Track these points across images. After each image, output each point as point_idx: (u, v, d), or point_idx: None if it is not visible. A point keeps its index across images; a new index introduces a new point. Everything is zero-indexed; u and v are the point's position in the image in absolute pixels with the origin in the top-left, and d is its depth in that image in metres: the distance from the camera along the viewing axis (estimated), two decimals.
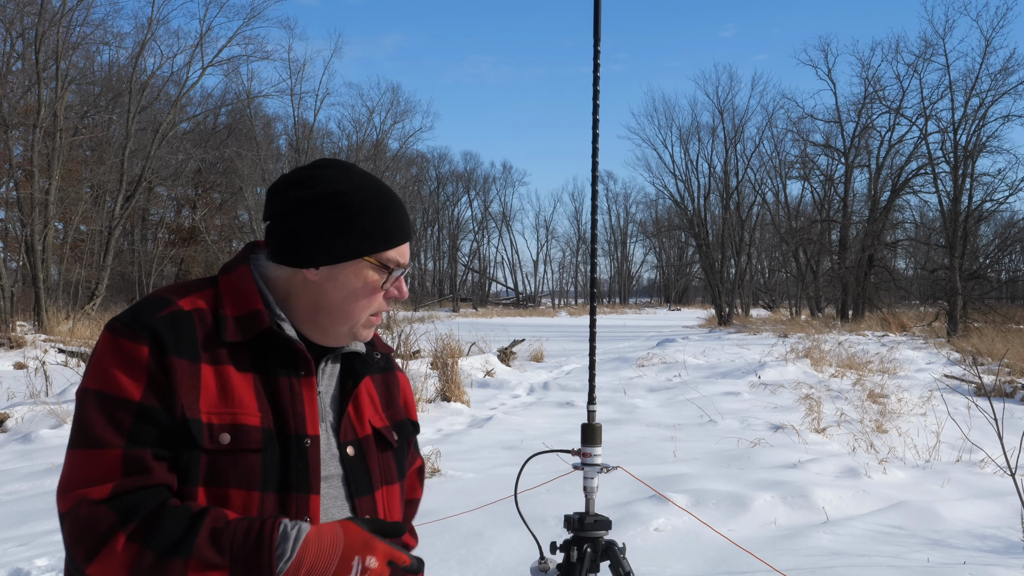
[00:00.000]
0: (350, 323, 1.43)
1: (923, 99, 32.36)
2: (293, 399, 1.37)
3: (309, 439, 1.36)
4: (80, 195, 27.62)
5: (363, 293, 1.43)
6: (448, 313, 53.00)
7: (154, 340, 1.30)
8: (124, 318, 1.34)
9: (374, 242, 1.42)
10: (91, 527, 1.21)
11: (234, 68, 39.95)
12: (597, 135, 1.83)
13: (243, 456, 1.30)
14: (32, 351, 16.00)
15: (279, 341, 1.38)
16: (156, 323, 1.32)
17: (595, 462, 1.98)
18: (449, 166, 79.91)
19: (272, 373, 1.37)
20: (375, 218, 1.43)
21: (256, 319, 1.38)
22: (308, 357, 1.40)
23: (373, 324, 1.46)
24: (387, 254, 1.43)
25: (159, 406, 1.28)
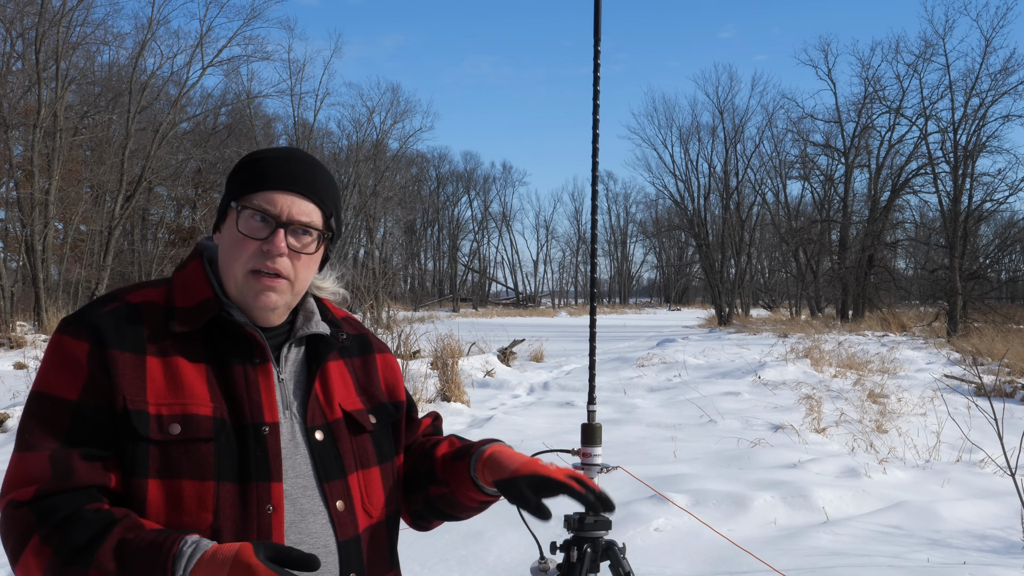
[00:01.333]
0: (232, 282, 1.38)
1: (923, 99, 32.38)
2: (248, 387, 1.35)
3: (267, 427, 1.34)
4: (80, 195, 27.63)
5: (230, 241, 1.38)
6: (448, 313, 53.00)
7: (95, 336, 1.31)
8: (71, 317, 1.36)
9: (239, 188, 1.39)
10: (14, 528, 1.24)
11: (234, 68, 40.00)
12: (597, 135, 1.83)
13: (195, 446, 1.29)
14: (32, 351, 16.01)
15: (230, 328, 1.37)
16: (99, 319, 1.33)
17: (595, 462, 1.98)
18: (449, 166, 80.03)
19: (226, 363, 1.36)
20: (245, 167, 1.41)
21: (205, 307, 1.37)
22: (262, 343, 1.38)
23: (264, 287, 1.36)
24: (250, 198, 1.36)
25: (97, 404, 1.28)
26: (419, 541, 4.29)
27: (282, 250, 1.35)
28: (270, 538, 1.30)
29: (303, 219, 1.38)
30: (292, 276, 1.38)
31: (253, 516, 1.30)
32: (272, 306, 1.38)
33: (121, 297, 1.38)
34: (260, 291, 1.36)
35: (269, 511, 1.31)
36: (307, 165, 1.42)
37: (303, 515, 1.35)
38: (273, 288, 1.37)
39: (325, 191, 1.43)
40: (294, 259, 1.38)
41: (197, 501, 1.28)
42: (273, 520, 1.31)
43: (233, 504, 1.29)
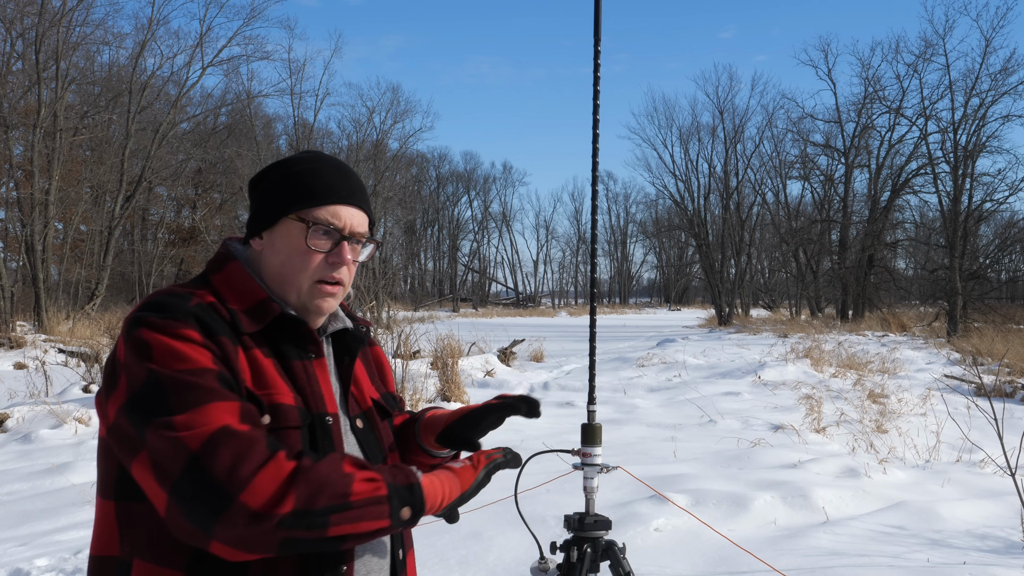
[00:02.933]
0: (294, 289, 1.43)
1: (923, 99, 32.40)
2: (309, 380, 1.41)
3: (331, 416, 1.41)
4: (80, 195, 27.63)
5: (293, 254, 1.42)
6: (448, 313, 52.99)
7: (199, 323, 1.31)
8: (154, 312, 1.31)
9: (299, 200, 1.43)
10: (251, 445, 1.19)
11: (234, 68, 40.01)
12: (597, 135, 1.83)
13: (285, 434, 1.33)
14: (32, 351, 16.01)
15: (288, 325, 1.41)
16: (192, 309, 1.33)
17: (595, 462, 1.98)
18: (449, 166, 79.99)
19: (286, 357, 1.40)
20: (303, 179, 1.45)
21: (266, 308, 1.40)
22: (316, 337, 1.44)
23: (327, 294, 1.44)
24: (313, 212, 1.42)
25: (232, 377, 1.30)
26: (419, 541, 4.29)
27: (348, 262, 1.44)
28: None
29: (360, 230, 1.47)
30: (347, 282, 1.48)
31: None
32: (329, 311, 1.47)
33: (193, 295, 1.37)
34: (323, 298, 1.44)
35: None
36: (356, 177, 1.52)
37: None
38: (334, 295, 1.46)
39: (367, 199, 1.52)
40: (350, 266, 1.47)
41: None
42: None
43: None
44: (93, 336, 17.88)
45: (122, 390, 1.26)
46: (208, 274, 1.46)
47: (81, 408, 8.29)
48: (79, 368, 11.76)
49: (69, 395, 9.48)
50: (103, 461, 1.35)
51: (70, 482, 6.08)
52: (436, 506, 1.33)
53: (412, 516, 1.27)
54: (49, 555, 4.42)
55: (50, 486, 6.05)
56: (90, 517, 5.23)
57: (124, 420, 1.24)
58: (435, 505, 1.32)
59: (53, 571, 4.19)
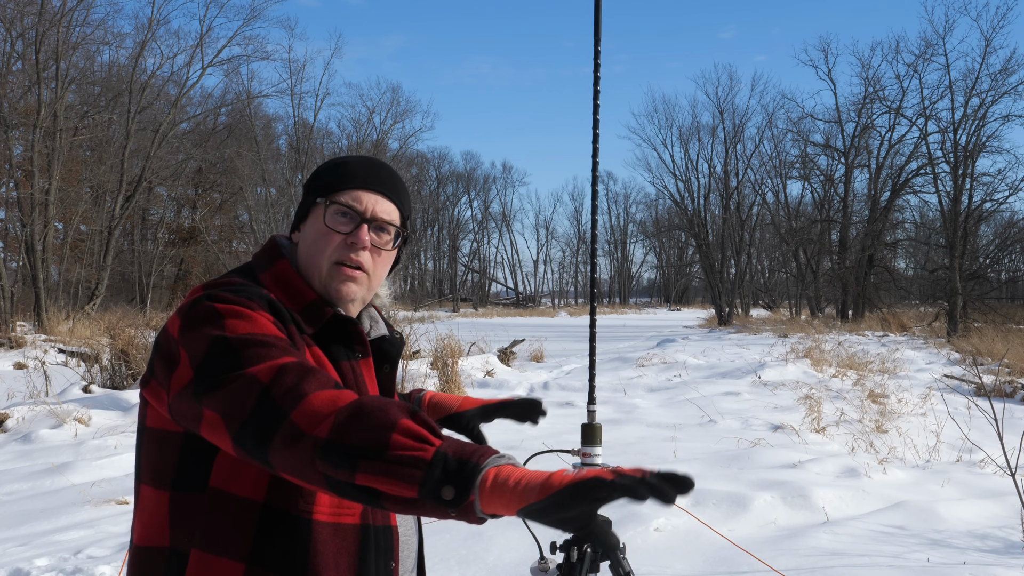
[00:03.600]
0: (317, 274, 1.44)
1: (923, 99, 32.39)
2: (357, 380, 1.42)
3: None
4: (80, 195, 27.63)
5: (317, 237, 1.45)
6: (448, 313, 52.98)
7: (271, 308, 1.32)
8: (225, 290, 1.31)
9: (324, 188, 1.47)
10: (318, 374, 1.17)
11: (234, 68, 39.98)
12: (597, 135, 1.83)
13: None
14: (32, 351, 16.01)
15: (339, 324, 1.42)
16: (265, 296, 1.34)
17: (595, 462, 1.98)
18: (449, 166, 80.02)
19: (334, 358, 1.42)
20: (333, 169, 1.50)
21: (318, 309, 1.42)
22: (364, 337, 1.45)
23: (346, 277, 1.44)
24: (335, 196, 1.45)
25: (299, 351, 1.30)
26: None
27: (365, 243, 1.44)
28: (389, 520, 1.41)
29: (384, 216, 1.48)
30: (371, 270, 1.47)
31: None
32: (352, 297, 1.46)
33: (259, 288, 1.38)
34: (343, 281, 1.44)
35: None
36: (388, 170, 1.53)
37: None
38: (354, 279, 1.45)
39: (404, 194, 1.54)
40: (374, 254, 1.47)
41: None
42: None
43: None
44: (93, 336, 17.87)
45: (186, 365, 1.23)
46: (256, 271, 1.45)
47: (81, 408, 8.30)
48: (79, 368, 11.76)
49: (69, 395, 9.48)
50: (159, 451, 1.33)
51: (70, 482, 6.08)
52: (502, 502, 1.03)
53: (455, 499, 1.03)
54: (49, 555, 4.42)
55: (50, 486, 6.05)
56: (90, 517, 5.23)
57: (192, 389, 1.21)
58: (500, 500, 1.03)
59: (53, 571, 4.19)
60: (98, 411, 8.38)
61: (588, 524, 1.04)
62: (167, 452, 1.32)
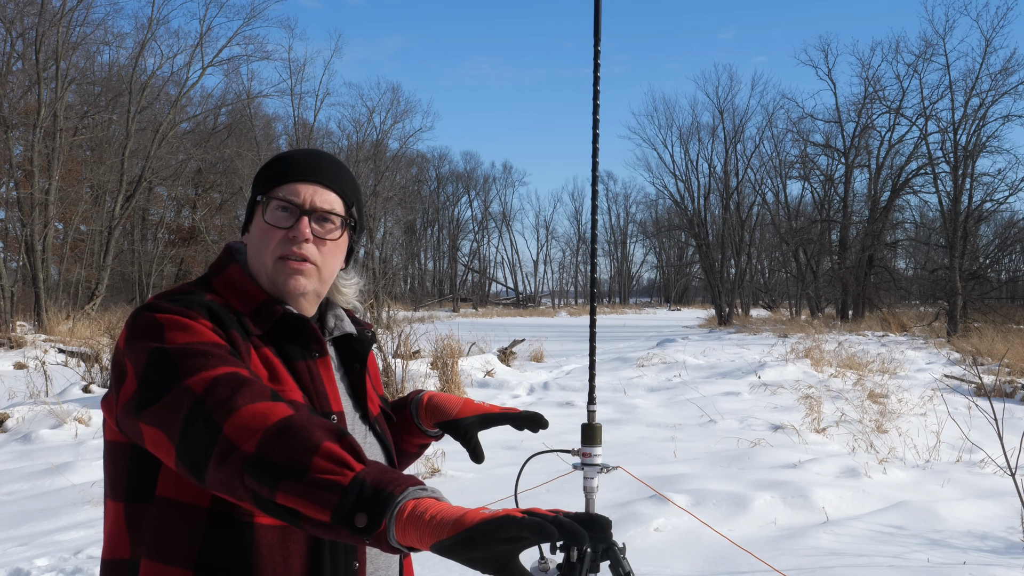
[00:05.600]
0: (263, 271, 1.43)
1: (923, 99, 32.38)
2: (313, 379, 1.41)
3: (335, 416, 1.41)
4: (80, 195, 27.64)
5: (260, 234, 1.44)
6: (448, 313, 52.99)
7: (212, 315, 1.32)
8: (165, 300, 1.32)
9: (264, 184, 1.46)
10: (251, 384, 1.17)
11: (234, 68, 39.96)
12: (597, 135, 1.83)
13: None
14: (32, 351, 16.01)
15: (291, 324, 1.41)
16: (206, 302, 1.34)
17: (595, 462, 1.98)
18: (449, 166, 80.00)
19: (289, 358, 1.41)
20: (270, 166, 1.48)
21: (268, 309, 1.41)
22: (320, 336, 1.44)
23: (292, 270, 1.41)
24: (274, 191, 1.44)
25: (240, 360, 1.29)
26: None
27: (307, 235, 1.41)
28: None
29: (325, 207, 1.45)
30: (319, 262, 1.44)
31: None
32: (302, 290, 1.43)
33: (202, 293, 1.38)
34: (289, 275, 1.42)
35: None
36: (327, 159, 1.50)
37: None
38: (301, 272, 1.42)
39: (345, 181, 1.50)
40: (319, 245, 1.44)
41: None
42: None
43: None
44: (93, 336, 17.88)
45: (131, 377, 1.25)
46: (209, 277, 1.46)
47: (81, 408, 8.30)
48: (79, 368, 11.76)
49: (69, 395, 9.48)
50: (113, 463, 1.35)
51: (70, 482, 6.08)
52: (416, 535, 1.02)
53: (367, 527, 1.02)
54: (49, 555, 4.42)
55: (50, 486, 6.05)
56: (90, 517, 5.23)
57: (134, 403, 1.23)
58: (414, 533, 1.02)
59: (53, 571, 4.19)
60: (98, 411, 8.38)
61: (505, 567, 0.98)
62: (120, 464, 1.33)
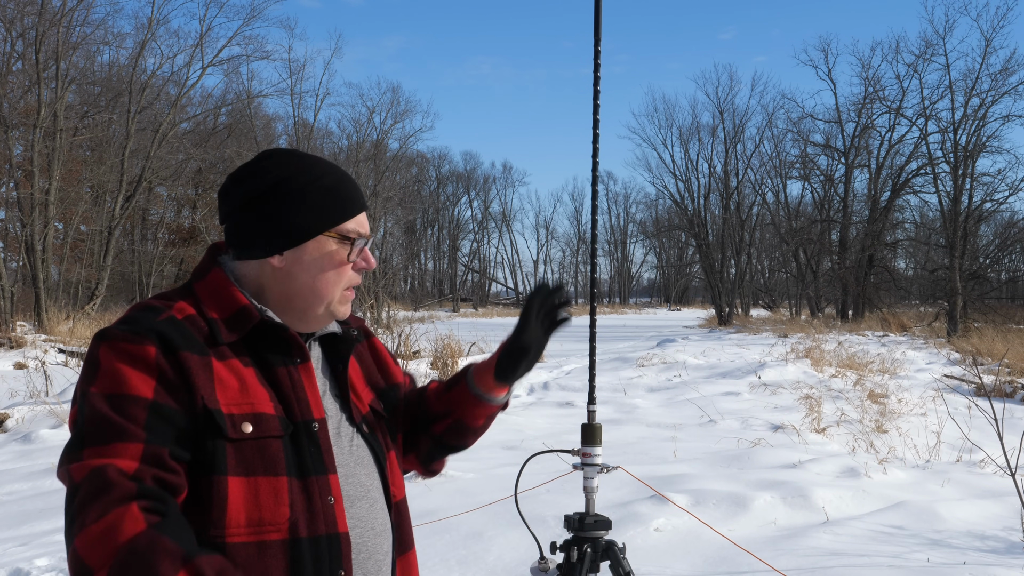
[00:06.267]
0: (325, 301, 1.46)
1: (923, 99, 32.37)
2: (294, 386, 1.40)
3: (316, 423, 1.40)
4: (80, 195, 27.63)
5: (330, 268, 1.45)
6: (448, 313, 52.99)
7: (161, 340, 1.30)
8: (120, 326, 1.33)
9: (330, 216, 1.45)
10: (105, 487, 1.18)
11: (234, 68, 39.95)
12: (597, 135, 1.83)
13: (266, 443, 1.33)
14: (32, 351, 16.01)
15: (270, 332, 1.41)
16: (158, 325, 1.32)
17: (595, 462, 1.98)
18: (449, 166, 79.94)
19: (269, 365, 1.40)
20: (326, 194, 1.46)
21: (245, 315, 1.40)
22: (301, 343, 1.43)
23: (348, 299, 1.49)
24: (345, 226, 1.46)
25: (173, 404, 1.28)
26: (419, 542, 4.29)
27: (374, 265, 1.51)
28: (336, 527, 1.38)
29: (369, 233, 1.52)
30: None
31: (319, 508, 1.36)
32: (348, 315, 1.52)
33: (165, 309, 1.37)
34: (347, 304, 1.50)
35: (331, 501, 1.37)
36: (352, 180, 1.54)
37: (351, 502, 1.42)
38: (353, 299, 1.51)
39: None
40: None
41: (274, 497, 1.32)
42: (336, 509, 1.38)
43: (301, 498, 1.35)
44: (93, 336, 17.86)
45: (72, 418, 1.30)
46: (192, 282, 1.45)
47: None
48: (79, 368, 11.76)
49: (69, 395, 9.48)
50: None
51: None
52: None
53: None
54: (49, 555, 4.42)
55: (50, 486, 6.05)
56: None
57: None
58: None
59: (53, 571, 4.19)
60: None
61: None
62: None
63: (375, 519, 1.46)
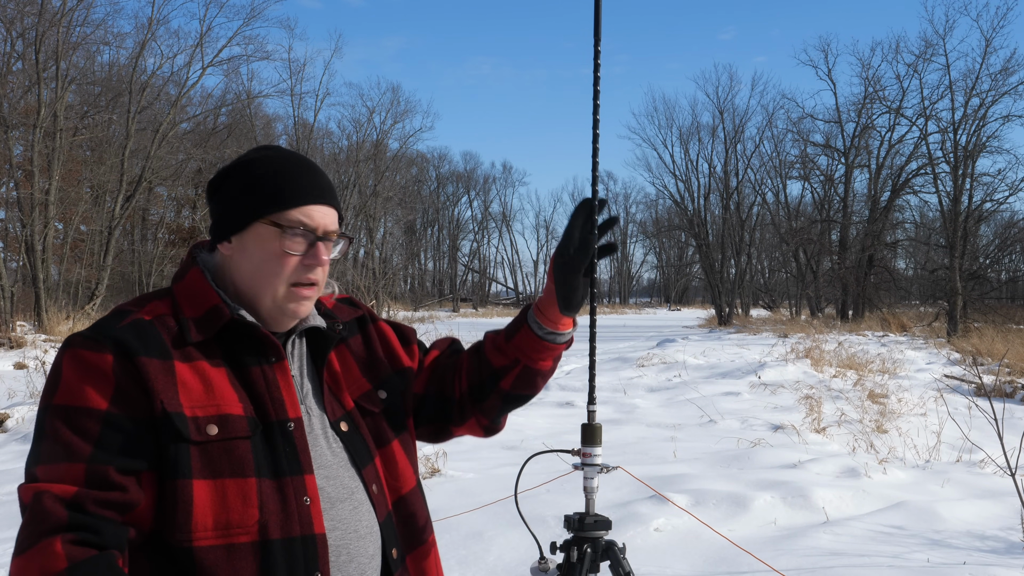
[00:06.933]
0: (269, 294, 1.40)
1: (923, 99, 32.37)
2: (268, 386, 1.38)
3: (292, 422, 1.38)
4: (80, 195, 27.62)
5: (267, 258, 1.39)
6: (448, 313, 52.99)
7: (118, 347, 1.30)
8: (84, 332, 1.34)
9: (266, 204, 1.39)
10: (42, 519, 1.21)
11: (234, 68, 40.03)
12: (597, 135, 1.83)
13: (233, 445, 1.31)
14: (32, 351, 16.01)
15: (243, 330, 1.39)
16: (118, 332, 1.32)
17: (595, 462, 1.98)
18: (449, 166, 79.91)
19: (243, 364, 1.38)
20: (272, 180, 1.42)
21: (215, 314, 1.38)
22: (275, 342, 1.40)
23: (302, 297, 1.41)
24: (287, 215, 1.39)
25: (128, 413, 1.28)
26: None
27: (324, 262, 1.42)
28: (311, 529, 1.34)
29: (332, 228, 1.44)
30: (322, 282, 1.45)
31: (293, 509, 1.33)
32: (306, 313, 1.44)
33: (132, 312, 1.38)
34: (299, 301, 1.42)
35: (307, 502, 1.35)
36: (323, 173, 1.48)
37: (332, 503, 1.39)
38: (309, 298, 1.43)
39: (335, 192, 1.48)
40: (324, 266, 1.44)
41: (242, 498, 1.30)
42: (312, 510, 1.35)
43: (274, 499, 1.33)
44: None
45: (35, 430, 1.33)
46: (174, 282, 1.45)
47: None
48: None
49: None
50: None
51: None
52: None
53: None
54: None
55: None
56: None
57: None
58: None
59: None
60: None
61: None
62: None
63: (359, 521, 1.42)
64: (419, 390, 1.64)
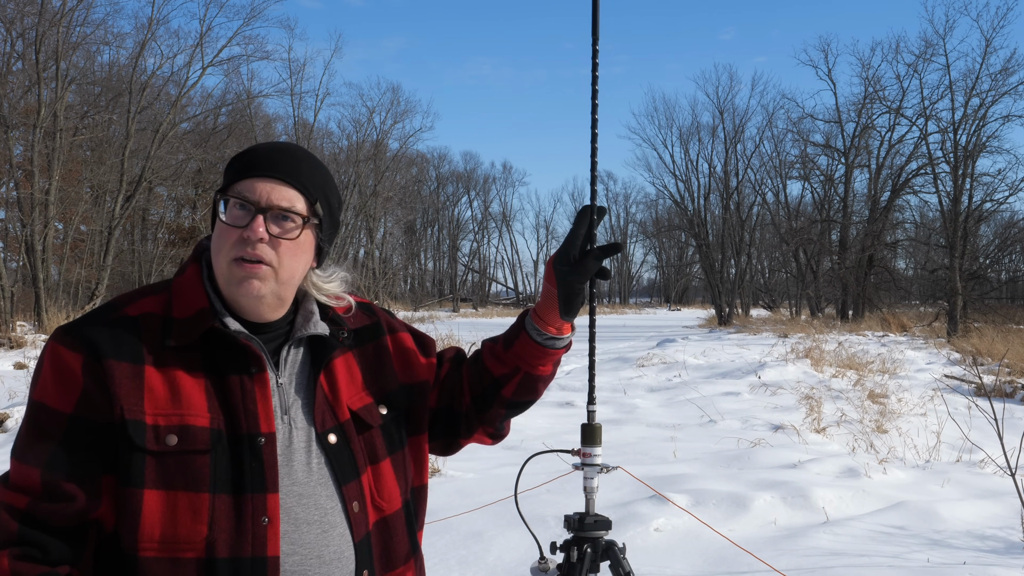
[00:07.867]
0: (222, 276, 1.36)
1: (923, 99, 32.35)
2: (244, 398, 1.34)
3: (263, 437, 1.33)
4: (80, 195, 27.62)
5: (217, 235, 1.37)
6: (448, 313, 52.99)
7: (90, 348, 1.30)
8: (67, 326, 1.35)
9: (225, 180, 1.39)
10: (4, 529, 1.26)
11: (234, 68, 39.93)
12: (596, 135, 1.83)
13: (190, 458, 1.28)
14: (32, 351, 16.02)
15: (226, 339, 1.35)
16: (95, 331, 1.32)
17: (595, 462, 1.98)
18: (449, 166, 79.87)
19: (223, 373, 1.35)
20: (233, 162, 1.40)
21: (200, 319, 1.35)
22: (257, 353, 1.36)
23: (245, 273, 1.34)
24: (234, 186, 1.36)
25: (92, 417, 1.29)
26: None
27: (260, 235, 1.33)
28: (264, 551, 1.29)
29: (283, 204, 1.35)
30: (275, 263, 1.35)
31: (248, 528, 1.29)
32: (256, 293, 1.35)
33: (119, 308, 1.37)
34: (242, 278, 1.34)
35: (264, 523, 1.30)
36: (289, 154, 1.40)
37: (297, 525, 1.33)
38: (255, 275, 1.34)
39: (309, 177, 1.40)
40: (276, 245, 1.35)
41: (192, 513, 1.27)
42: (268, 532, 1.30)
43: (228, 516, 1.28)
44: None
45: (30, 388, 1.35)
46: (174, 277, 1.43)
47: None
48: None
49: None
50: None
51: None
52: None
53: None
54: None
55: None
56: None
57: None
58: None
59: None
60: None
61: None
62: None
63: (326, 546, 1.34)
64: (432, 404, 1.60)
